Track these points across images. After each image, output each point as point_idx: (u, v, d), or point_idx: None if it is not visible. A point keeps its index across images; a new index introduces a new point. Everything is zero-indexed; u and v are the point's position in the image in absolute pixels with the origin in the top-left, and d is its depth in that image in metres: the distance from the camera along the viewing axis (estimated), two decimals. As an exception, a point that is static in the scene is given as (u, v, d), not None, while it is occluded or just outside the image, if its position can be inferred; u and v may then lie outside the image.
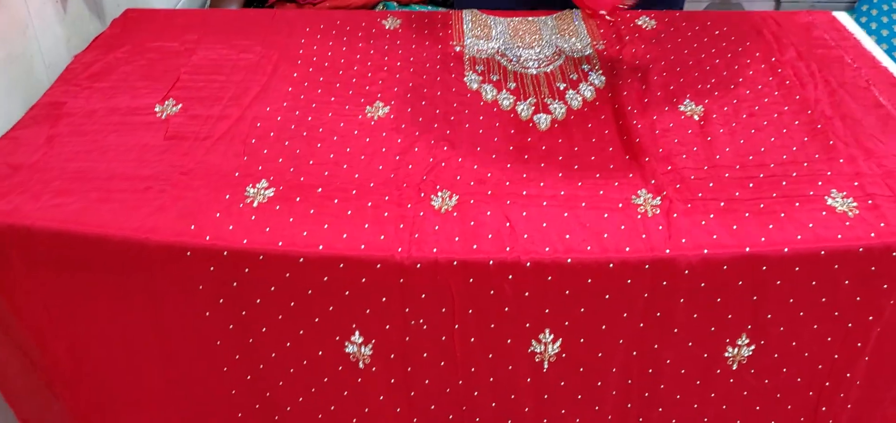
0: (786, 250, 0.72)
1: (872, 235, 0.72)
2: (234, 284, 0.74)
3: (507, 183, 0.79)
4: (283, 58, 1.02)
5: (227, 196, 0.78)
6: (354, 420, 0.84)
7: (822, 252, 0.72)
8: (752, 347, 0.78)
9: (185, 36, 1.07)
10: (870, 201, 0.76)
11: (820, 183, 0.79)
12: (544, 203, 0.76)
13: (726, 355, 0.79)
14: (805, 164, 0.82)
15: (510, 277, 0.72)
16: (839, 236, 0.72)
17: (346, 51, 1.04)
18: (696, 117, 0.91)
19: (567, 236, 0.73)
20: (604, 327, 0.75)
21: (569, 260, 0.71)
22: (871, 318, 0.76)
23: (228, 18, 1.13)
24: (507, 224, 0.74)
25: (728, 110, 0.92)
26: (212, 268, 0.74)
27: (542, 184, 0.79)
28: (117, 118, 0.90)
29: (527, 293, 0.73)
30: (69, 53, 1.06)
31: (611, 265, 0.71)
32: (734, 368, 0.80)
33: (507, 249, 0.72)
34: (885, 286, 0.74)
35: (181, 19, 1.11)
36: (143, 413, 0.88)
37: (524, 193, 0.78)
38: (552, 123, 0.91)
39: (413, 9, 1.37)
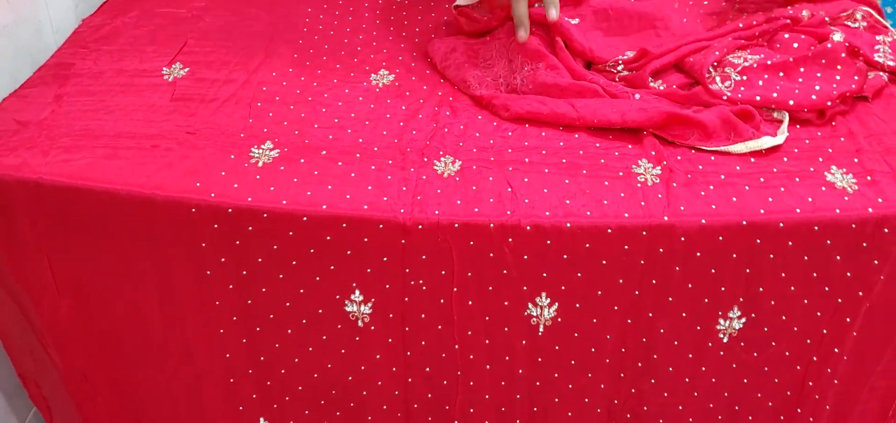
0: (781, 224, 0.73)
1: (870, 210, 0.73)
2: (237, 242, 0.76)
3: (509, 150, 0.80)
4: (289, 25, 1.03)
5: (233, 156, 0.79)
6: (350, 378, 0.86)
7: (816, 227, 0.73)
8: (744, 320, 0.79)
9: (192, 2, 1.08)
10: (869, 178, 0.77)
11: (820, 159, 0.80)
12: (546, 170, 0.77)
13: (718, 327, 0.80)
14: (806, 141, 0.83)
15: (510, 240, 0.73)
16: (837, 211, 0.73)
17: (352, 20, 1.05)
18: None
19: (567, 202, 0.74)
20: (600, 292, 0.77)
21: (568, 224, 0.72)
22: (860, 293, 0.77)
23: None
24: (509, 189, 0.75)
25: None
26: (216, 225, 0.75)
27: (544, 151, 0.80)
28: (125, 79, 0.92)
29: (525, 257, 0.74)
30: (77, 19, 1.07)
31: (609, 231, 0.72)
32: (725, 341, 0.81)
33: (508, 212, 0.73)
34: (876, 262, 0.75)
35: (189, -14, 1.12)
36: (139, 376, 0.89)
37: (526, 160, 0.79)
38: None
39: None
